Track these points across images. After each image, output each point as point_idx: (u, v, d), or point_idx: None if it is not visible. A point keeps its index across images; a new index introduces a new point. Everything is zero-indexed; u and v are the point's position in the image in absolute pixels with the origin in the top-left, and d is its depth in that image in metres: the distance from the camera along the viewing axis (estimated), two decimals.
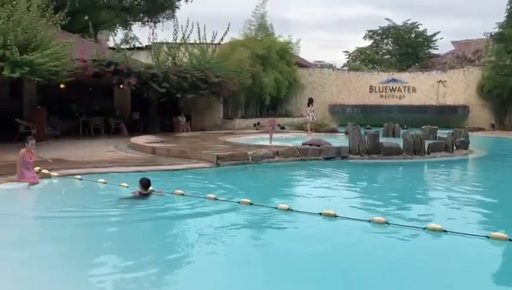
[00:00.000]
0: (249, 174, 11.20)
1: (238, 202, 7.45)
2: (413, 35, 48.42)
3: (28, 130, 16.44)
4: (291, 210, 7.01)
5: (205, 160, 11.87)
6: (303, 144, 13.69)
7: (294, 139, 17.29)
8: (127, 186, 8.43)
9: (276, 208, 7.14)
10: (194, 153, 12.54)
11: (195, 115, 24.78)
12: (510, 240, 5.63)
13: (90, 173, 9.93)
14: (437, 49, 47.95)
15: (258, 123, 25.08)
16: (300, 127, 22.51)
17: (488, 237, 5.70)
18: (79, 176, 9.52)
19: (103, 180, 9.11)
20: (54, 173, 9.78)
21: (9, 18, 13.27)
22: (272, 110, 22.75)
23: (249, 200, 7.43)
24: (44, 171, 9.71)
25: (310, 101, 21.83)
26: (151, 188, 7.92)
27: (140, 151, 14.08)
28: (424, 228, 6.12)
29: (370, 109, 30.50)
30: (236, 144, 15.28)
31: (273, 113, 19.94)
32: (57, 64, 14.11)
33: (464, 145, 15.66)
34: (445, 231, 6.00)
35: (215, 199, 7.67)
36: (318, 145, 13.28)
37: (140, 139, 16.21)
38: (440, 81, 31.55)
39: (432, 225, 6.14)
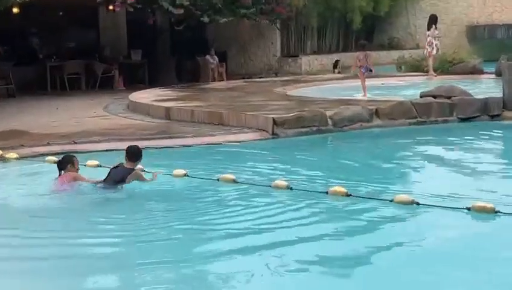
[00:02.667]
0: (330, 150, 11.32)
1: (326, 193, 7.76)
2: None
3: None
4: (418, 204, 7.30)
5: (253, 128, 12.00)
6: (422, 96, 13.63)
7: (405, 88, 17.07)
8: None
9: (391, 201, 7.41)
10: (235, 116, 12.66)
11: (235, 52, 24.91)
12: None
13: (68, 151, 9.88)
14: None
15: (337, 61, 24.84)
16: (416, 67, 22.14)
17: None
18: (55, 158, 9.54)
19: (96, 163, 9.43)
20: (11, 154, 10.04)
21: None
22: (365, 39, 22.44)
23: (343, 190, 7.70)
24: None
25: (432, 21, 21.31)
26: (139, 166, 8.38)
27: (145, 114, 14.35)
28: None
29: None
30: (306, 98, 15.28)
31: (366, 44, 19.82)
32: None
33: None
34: None
35: (289, 187, 8.05)
36: (449, 98, 13.18)
37: (145, 96, 16.48)
38: None
39: None
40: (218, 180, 8.62)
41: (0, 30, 19.84)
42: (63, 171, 8.42)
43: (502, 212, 6.87)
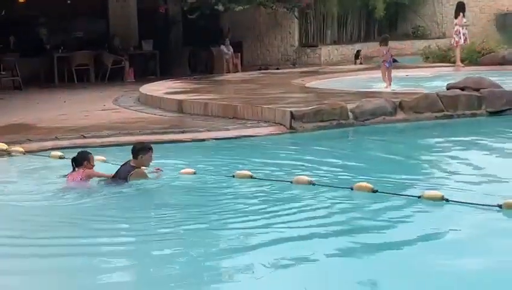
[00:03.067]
0: (352, 145, 11.21)
1: (351, 189, 7.76)
2: None
3: None
4: (447, 200, 7.26)
5: (270, 121, 11.94)
6: (448, 88, 13.51)
7: (431, 80, 16.96)
8: None
9: (419, 197, 7.38)
10: (250, 109, 12.56)
11: (250, 42, 24.82)
12: None
13: (77, 146, 10.11)
14: None
15: (358, 52, 24.72)
16: (443, 57, 21.97)
17: None
18: (59, 153, 9.75)
19: (102, 158, 9.32)
20: (17, 148, 10.07)
21: None
22: (387, 28, 22.23)
23: (369, 186, 7.69)
24: (1, 145, 10.07)
25: (460, 9, 21.10)
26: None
27: (157, 108, 14.35)
28: None
29: None
30: (325, 91, 15.18)
31: (389, 37, 19.59)
32: None
33: None
34: None
35: (311, 183, 7.99)
36: (477, 90, 13.03)
37: (157, 88, 16.49)
38: None
39: None
40: (233, 176, 8.55)
41: (6, 20, 19.82)
42: (77, 168, 8.40)
43: None
